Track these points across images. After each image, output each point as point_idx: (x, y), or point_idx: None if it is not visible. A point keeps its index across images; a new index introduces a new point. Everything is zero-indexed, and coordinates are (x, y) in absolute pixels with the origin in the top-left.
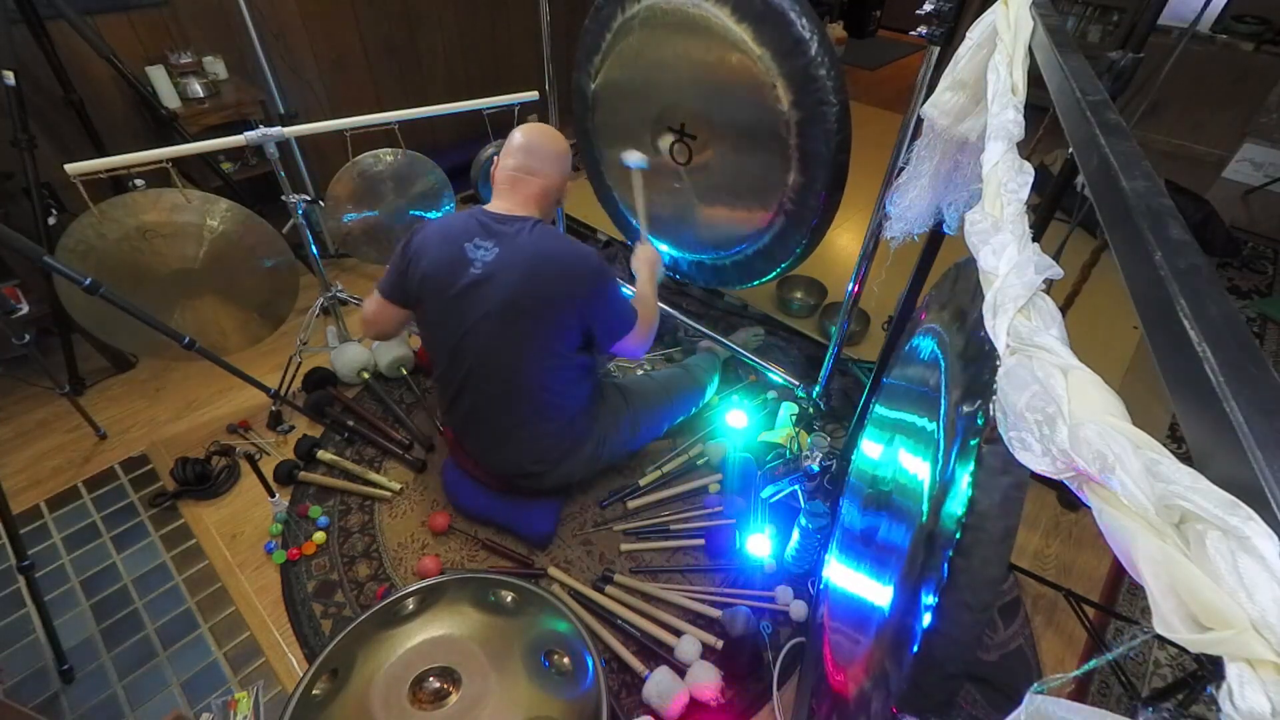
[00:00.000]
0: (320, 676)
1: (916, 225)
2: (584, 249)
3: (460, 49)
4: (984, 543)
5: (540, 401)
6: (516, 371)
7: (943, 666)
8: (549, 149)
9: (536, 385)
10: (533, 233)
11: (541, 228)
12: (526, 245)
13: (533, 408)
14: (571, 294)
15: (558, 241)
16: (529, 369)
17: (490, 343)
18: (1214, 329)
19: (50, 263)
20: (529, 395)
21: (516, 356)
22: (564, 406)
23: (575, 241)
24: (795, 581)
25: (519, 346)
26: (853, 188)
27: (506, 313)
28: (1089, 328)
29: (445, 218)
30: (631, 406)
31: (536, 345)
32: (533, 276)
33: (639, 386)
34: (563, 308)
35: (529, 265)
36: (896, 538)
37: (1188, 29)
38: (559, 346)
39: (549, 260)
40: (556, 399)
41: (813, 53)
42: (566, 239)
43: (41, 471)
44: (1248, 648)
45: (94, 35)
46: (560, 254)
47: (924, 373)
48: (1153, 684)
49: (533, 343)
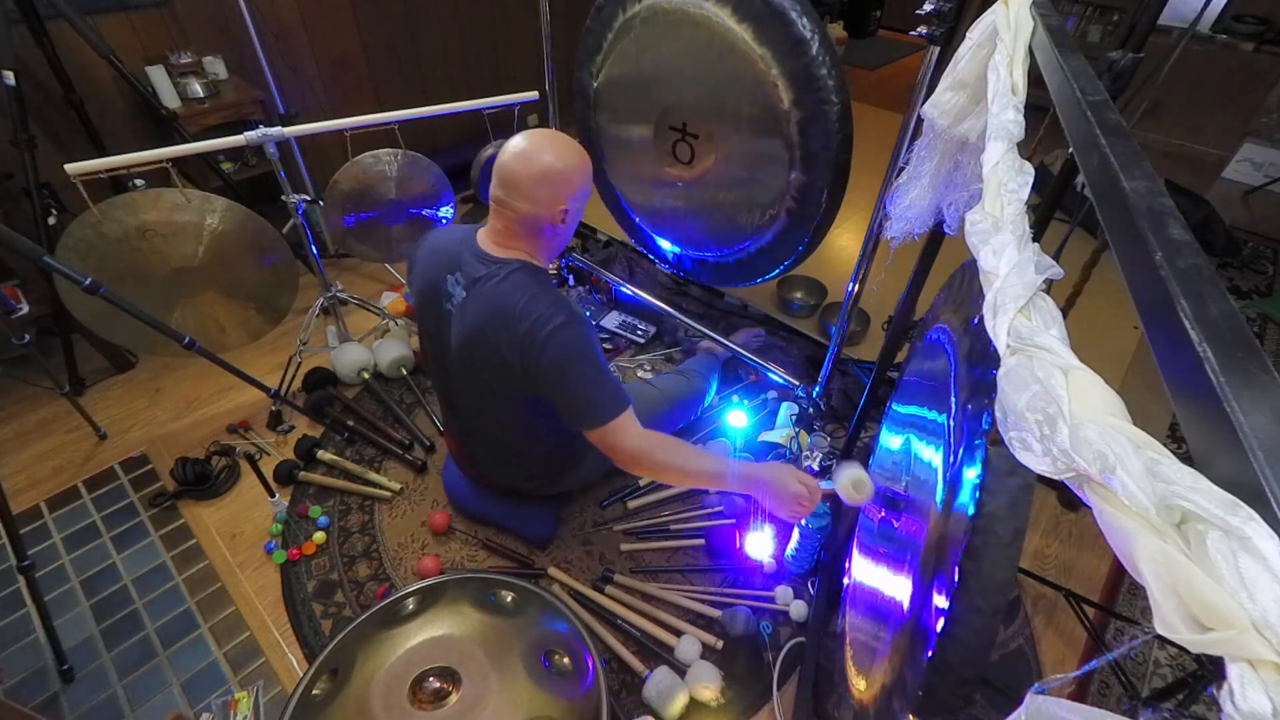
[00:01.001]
0: (320, 676)
1: (916, 225)
2: (549, 309)
3: (460, 49)
4: (993, 545)
5: (529, 432)
6: (487, 419)
7: (956, 671)
8: (523, 175)
9: (508, 434)
10: (499, 283)
11: (514, 279)
12: (482, 299)
13: (521, 438)
14: (516, 355)
15: (514, 298)
16: (497, 420)
17: (465, 383)
18: (1214, 329)
19: (50, 263)
20: (515, 430)
21: (484, 405)
22: (558, 433)
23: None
24: (795, 581)
25: (484, 398)
26: (853, 188)
27: (466, 359)
28: (1089, 328)
29: (446, 231)
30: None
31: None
32: (474, 338)
33: (641, 395)
34: (499, 374)
35: (482, 317)
36: (914, 537)
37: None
38: (512, 410)
39: (492, 318)
40: (527, 449)
41: (813, 52)
42: (536, 292)
43: (41, 471)
44: (1249, 648)
45: (94, 35)
46: (513, 308)
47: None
48: (1153, 684)
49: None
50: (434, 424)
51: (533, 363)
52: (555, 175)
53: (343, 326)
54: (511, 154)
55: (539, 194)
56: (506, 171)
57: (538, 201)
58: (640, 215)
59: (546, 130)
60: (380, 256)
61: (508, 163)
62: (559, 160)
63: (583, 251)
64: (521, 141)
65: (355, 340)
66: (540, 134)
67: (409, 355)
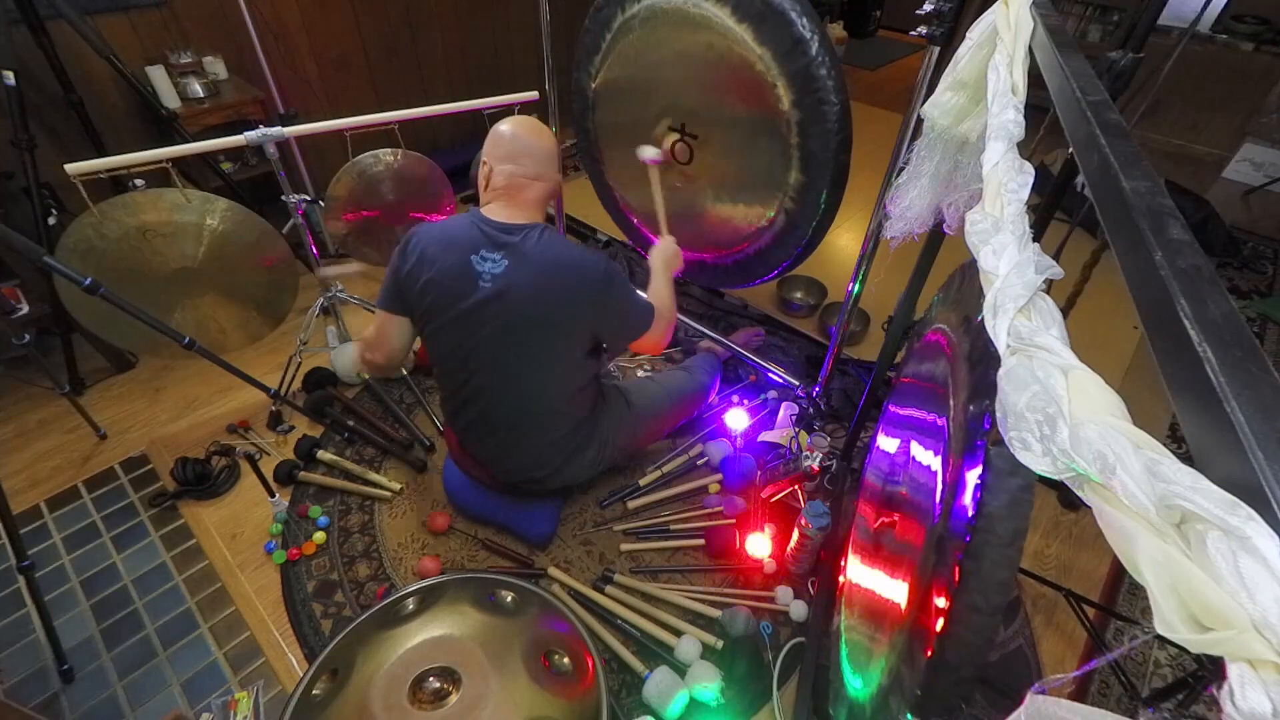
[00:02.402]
0: (320, 676)
1: (916, 225)
2: (591, 256)
3: (460, 49)
4: (993, 545)
5: (546, 411)
6: (525, 384)
7: (955, 670)
8: (544, 148)
9: (544, 396)
10: (540, 241)
11: (548, 235)
12: (535, 256)
13: (538, 418)
14: (583, 302)
15: (565, 249)
16: (538, 381)
17: (500, 357)
18: (1214, 329)
19: (50, 263)
20: (536, 406)
21: (526, 369)
22: (569, 414)
23: (582, 248)
24: (795, 581)
25: (529, 359)
26: (853, 188)
27: (518, 327)
28: (1089, 328)
29: (444, 223)
30: (634, 410)
31: (546, 356)
32: (544, 288)
33: (642, 390)
34: (575, 316)
35: (539, 276)
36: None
37: (1188, 29)
38: (569, 355)
39: (559, 269)
40: (562, 407)
41: (813, 52)
42: (573, 246)
43: (41, 471)
44: (1249, 648)
45: (94, 35)
46: (569, 262)
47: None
48: (1153, 684)
49: (543, 353)
50: (434, 424)
51: (599, 297)
52: (555, 150)
53: (343, 326)
54: (523, 128)
55: (551, 168)
56: (529, 146)
57: (550, 175)
58: (638, 216)
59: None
60: (380, 257)
61: (526, 138)
62: (551, 138)
63: None
64: (518, 127)
65: (355, 340)
66: (524, 119)
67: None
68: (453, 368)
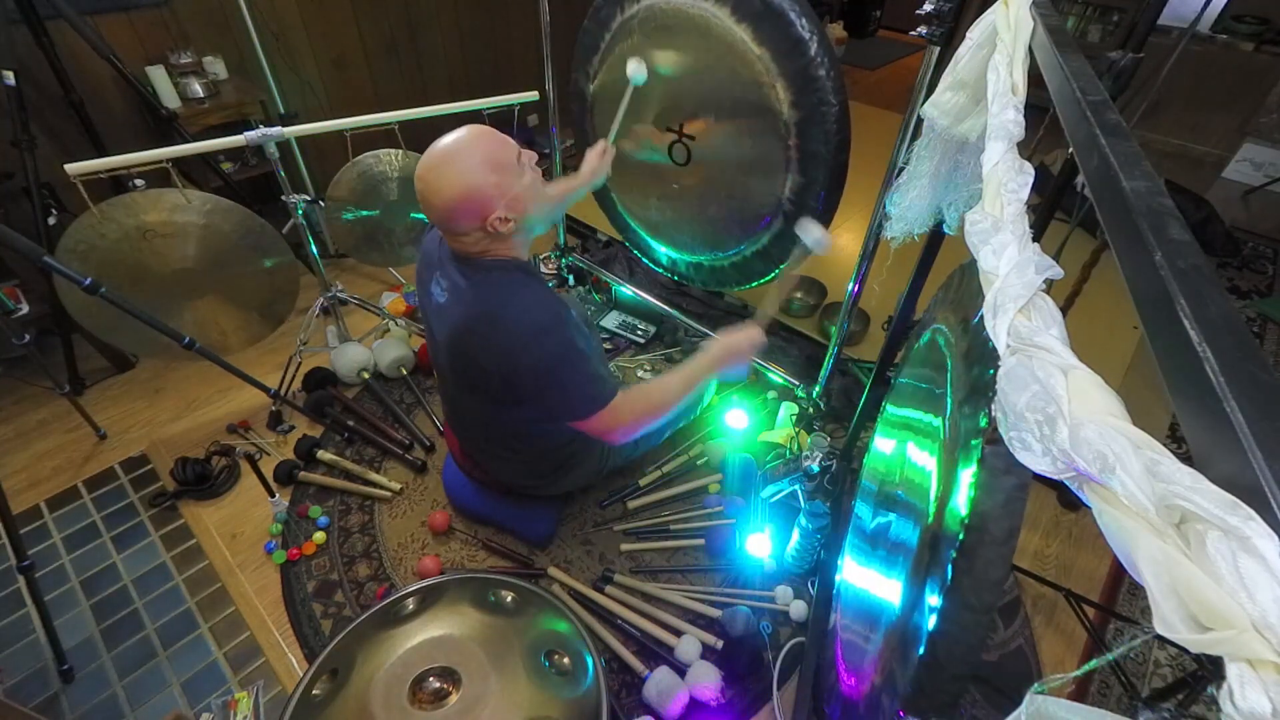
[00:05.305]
0: (320, 676)
1: (916, 225)
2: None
3: (460, 49)
4: (987, 544)
5: (525, 434)
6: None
7: (948, 668)
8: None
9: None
10: (478, 286)
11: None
12: (466, 301)
13: (520, 436)
14: (498, 363)
15: (504, 309)
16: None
17: (457, 381)
18: (1214, 329)
19: (50, 263)
20: (510, 429)
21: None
22: (557, 434)
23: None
24: (795, 581)
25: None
26: (853, 188)
27: (453, 364)
28: (1089, 328)
29: (430, 236)
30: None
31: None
32: (462, 338)
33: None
34: (488, 381)
35: (461, 325)
36: (906, 536)
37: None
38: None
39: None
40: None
41: (812, 53)
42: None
43: (41, 471)
44: (1248, 648)
45: (94, 35)
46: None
47: (931, 372)
48: (1153, 684)
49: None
50: (434, 424)
51: (511, 374)
52: (474, 188)
53: (343, 326)
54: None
55: (469, 209)
56: (427, 203)
57: (474, 214)
58: (635, 218)
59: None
60: (381, 258)
61: (424, 192)
62: (470, 169)
63: (583, 251)
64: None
65: (355, 340)
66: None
67: (409, 355)
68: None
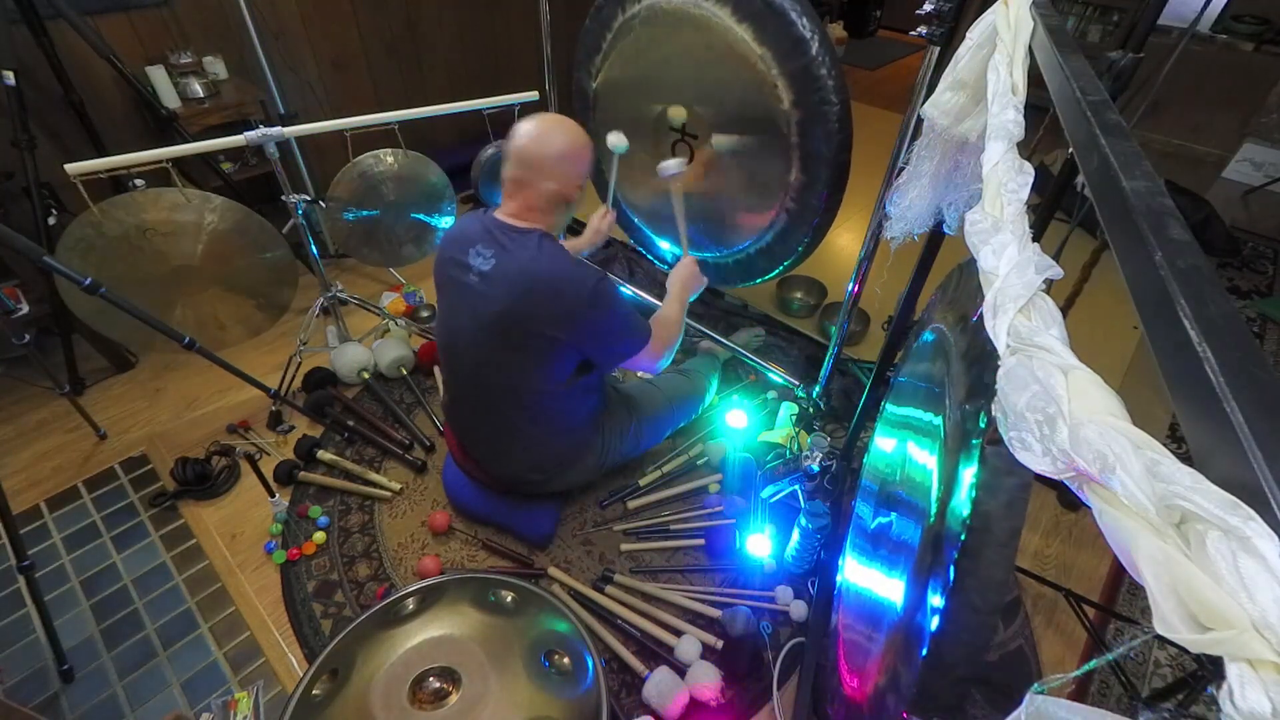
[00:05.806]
0: (320, 676)
1: (916, 225)
2: (581, 274)
3: (460, 49)
4: (989, 545)
5: (538, 414)
6: (511, 384)
7: (952, 669)
8: (545, 155)
9: (533, 398)
10: (533, 249)
11: (544, 246)
12: (522, 263)
13: (530, 420)
14: (560, 321)
15: (554, 263)
16: (523, 383)
17: (482, 353)
18: (1214, 329)
19: (50, 263)
20: (525, 407)
21: (509, 371)
22: (565, 419)
23: (576, 264)
24: (795, 581)
25: (511, 361)
26: (853, 188)
27: (495, 327)
28: (1089, 328)
29: (462, 220)
30: (636, 416)
31: (528, 363)
32: (522, 298)
33: (643, 394)
34: (551, 333)
35: (520, 285)
36: (908, 536)
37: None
38: (551, 368)
39: (540, 283)
40: (556, 412)
41: (813, 52)
42: (566, 261)
43: (41, 471)
44: (1248, 648)
45: (94, 35)
46: (554, 278)
47: (930, 372)
48: (1153, 684)
49: (525, 359)
50: (434, 424)
51: (578, 318)
52: (574, 153)
53: (343, 326)
54: (532, 136)
55: (560, 171)
56: (529, 153)
57: (561, 178)
58: (639, 216)
59: (550, 114)
60: (381, 258)
61: (530, 145)
62: (575, 139)
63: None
64: (535, 125)
65: (355, 340)
66: (549, 117)
67: (409, 355)
68: (445, 358)
